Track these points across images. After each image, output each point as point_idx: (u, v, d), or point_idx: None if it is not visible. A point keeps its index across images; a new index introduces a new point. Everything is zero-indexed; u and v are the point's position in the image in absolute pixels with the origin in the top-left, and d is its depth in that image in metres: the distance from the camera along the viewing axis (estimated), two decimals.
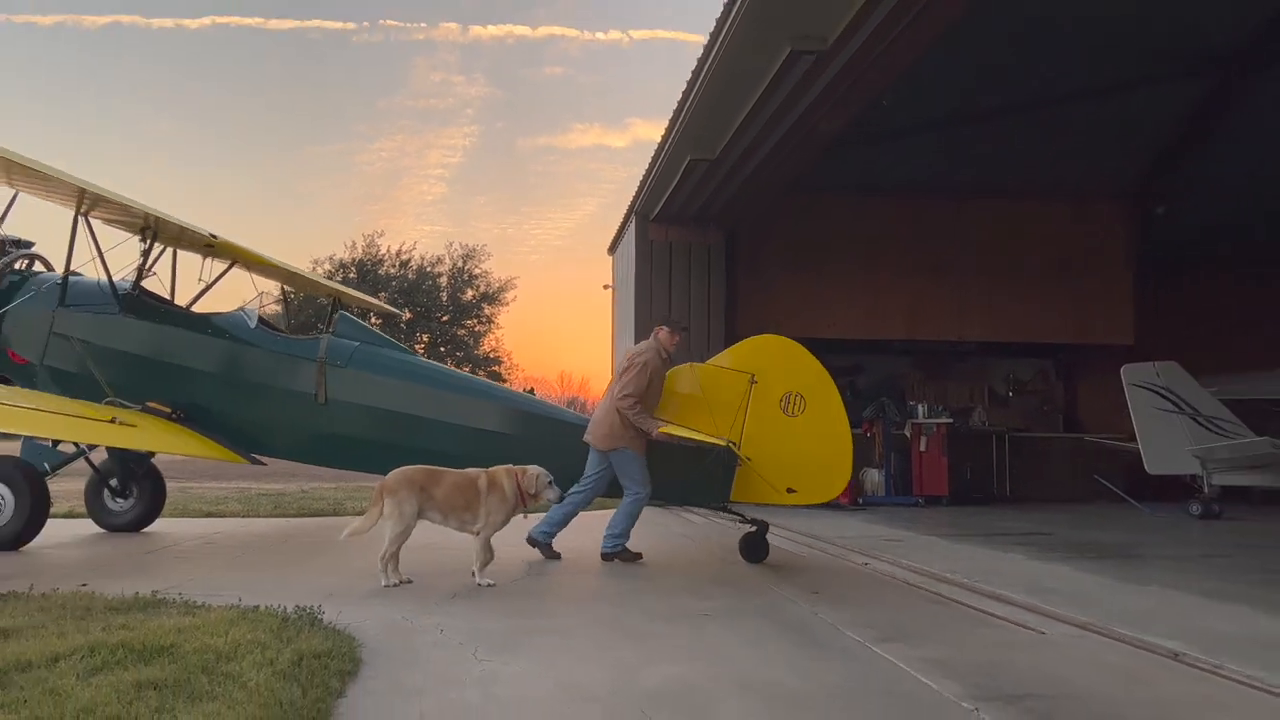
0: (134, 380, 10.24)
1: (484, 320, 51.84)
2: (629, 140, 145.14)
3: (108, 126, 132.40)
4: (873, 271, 19.72)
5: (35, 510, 9.69)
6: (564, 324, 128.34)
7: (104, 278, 10.53)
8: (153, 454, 11.56)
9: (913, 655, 5.56)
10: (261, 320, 10.79)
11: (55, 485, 10.52)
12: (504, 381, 52.40)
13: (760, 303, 19.15)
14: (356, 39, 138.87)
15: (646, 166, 16.75)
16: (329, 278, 49.39)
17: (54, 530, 10.57)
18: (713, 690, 4.75)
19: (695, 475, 9.41)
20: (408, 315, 48.36)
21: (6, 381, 10.66)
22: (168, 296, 11.27)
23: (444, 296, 50.94)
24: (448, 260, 51.91)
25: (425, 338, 50.84)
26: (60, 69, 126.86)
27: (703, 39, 11.81)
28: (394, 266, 50.57)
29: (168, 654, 4.94)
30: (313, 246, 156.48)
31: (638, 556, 9.54)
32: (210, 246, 11.13)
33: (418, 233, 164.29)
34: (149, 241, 10.91)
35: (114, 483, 11.39)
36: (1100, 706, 4.58)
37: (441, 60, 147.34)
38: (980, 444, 19.47)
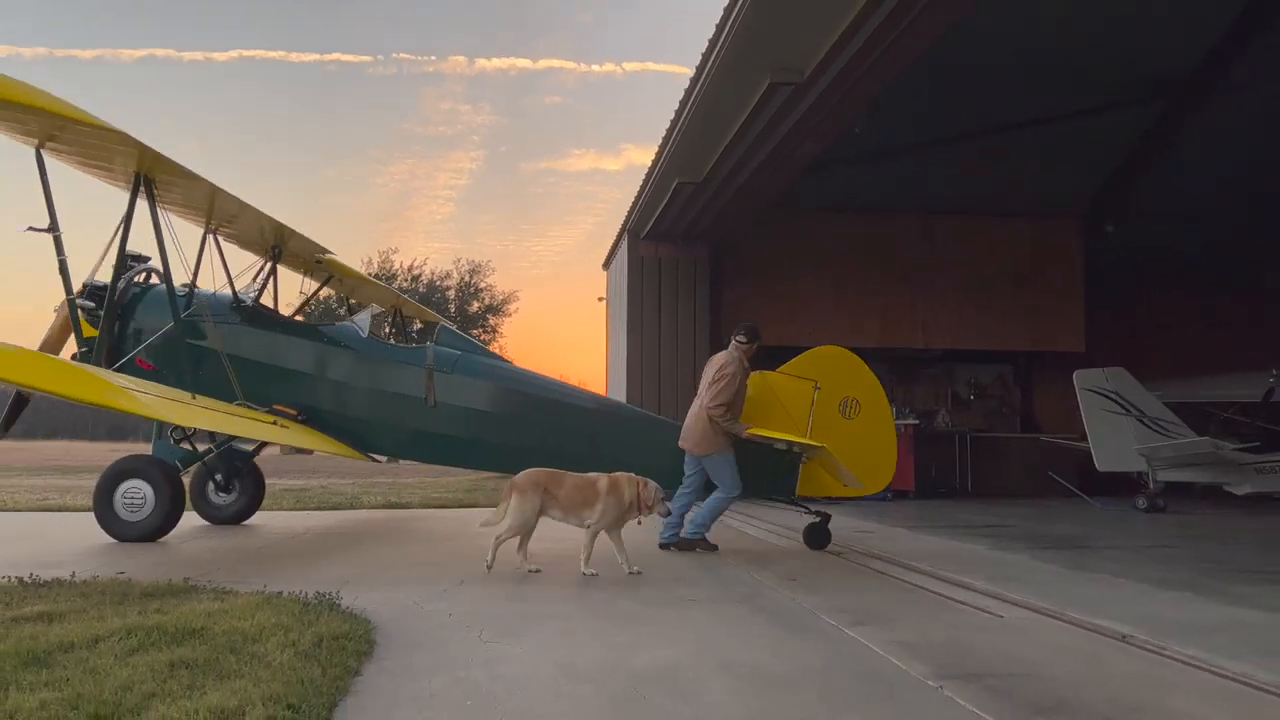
0: (259, 385, 10.28)
1: (489, 330, 51.76)
2: (622, 164, 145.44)
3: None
4: (846, 284, 19.74)
5: (173, 505, 9.70)
6: (561, 333, 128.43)
7: (212, 289, 10.65)
8: (258, 452, 11.71)
9: (883, 638, 5.57)
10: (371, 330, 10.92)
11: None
12: None
13: (742, 313, 19.07)
14: (372, 71, 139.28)
15: (637, 189, 16.77)
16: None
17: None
18: (698, 670, 4.75)
19: (767, 472, 9.63)
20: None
21: None
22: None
23: (452, 308, 50.87)
24: (455, 274, 51.89)
25: None
26: (100, 98, 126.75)
27: (689, 71, 11.85)
28: (407, 280, 50.50)
29: (198, 636, 4.94)
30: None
31: (714, 547, 9.59)
32: (319, 262, 11.36)
33: (428, 249, 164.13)
34: (274, 256, 11.01)
35: (218, 477, 11.40)
36: (1055, 684, 4.59)
37: (450, 90, 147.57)
38: (944, 443, 19.54)
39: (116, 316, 10.29)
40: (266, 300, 11.23)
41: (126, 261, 10.23)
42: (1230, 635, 5.69)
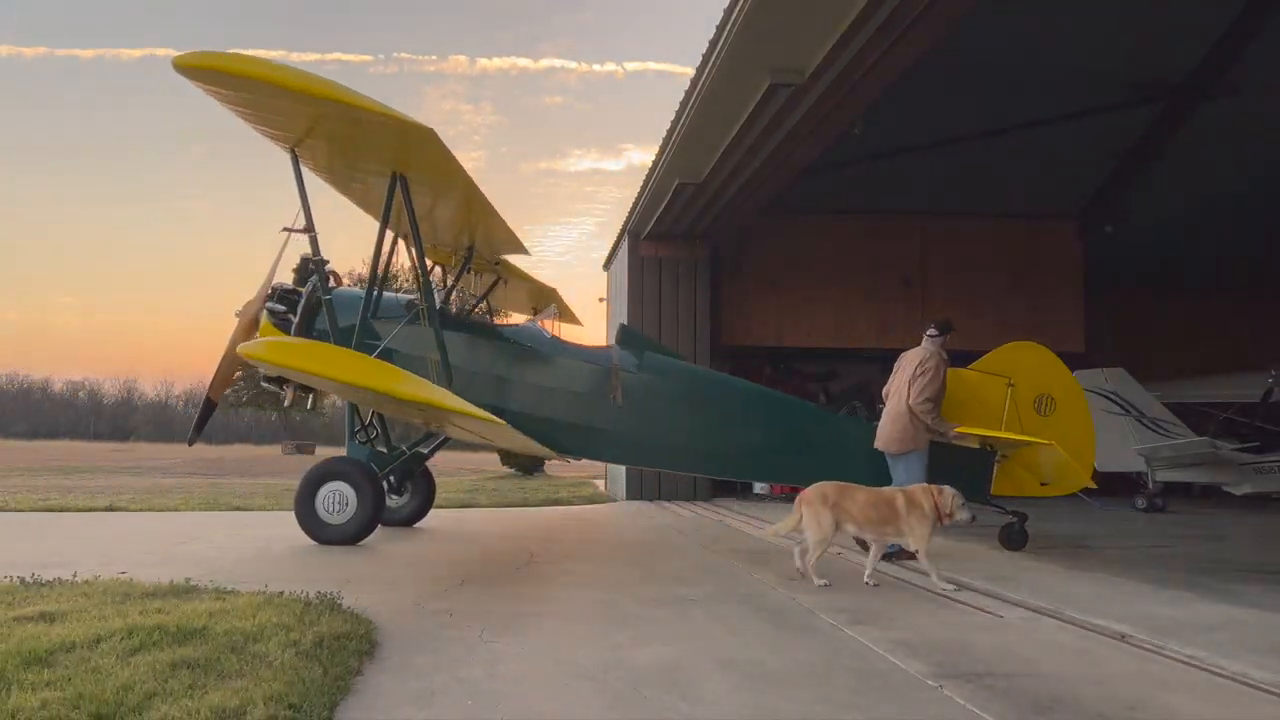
0: (454, 387, 10.01)
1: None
2: (623, 164, 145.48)
3: (145, 150, 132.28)
4: (844, 285, 19.75)
5: (375, 507, 9.60)
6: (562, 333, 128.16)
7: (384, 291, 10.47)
8: (434, 453, 11.48)
9: (882, 637, 5.58)
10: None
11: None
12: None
13: (741, 314, 19.21)
14: (373, 70, 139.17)
15: (638, 189, 16.77)
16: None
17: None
18: (697, 668, 4.76)
19: (962, 472, 9.20)
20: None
21: (308, 388, 10.49)
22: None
23: (453, 308, 50.79)
24: None
25: None
26: (99, 98, 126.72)
27: (690, 70, 11.84)
28: (408, 281, 50.45)
29: (200, 636, 4.94)
30: (336, 263, 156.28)
31: (911, 555, 9.05)
32: (498, 264, 11.32)
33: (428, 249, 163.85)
34: (467, 257, 10.86)
35: (392, 479, 11.07)
36: (1054, 684, 4.60)
37: (451, 90, 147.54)
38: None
39: (363, 320, 9.96)
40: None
41: (308, 264, 10.13)
42: (1228, 634, 5.70)
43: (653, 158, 15.05)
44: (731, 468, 11.01)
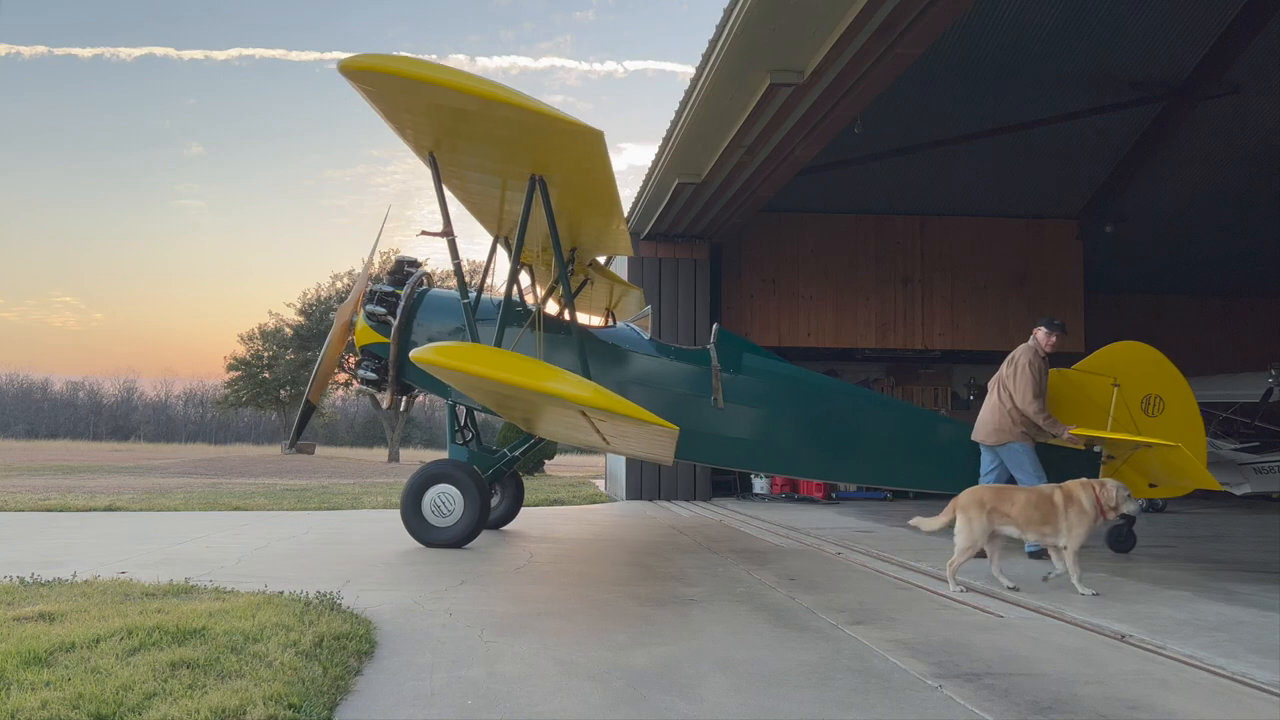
0: None
1: None
2: (623, 164, 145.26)
3: (143, 149, 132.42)
4: (844, 284, 19.74)
5: (482, 510, 9.54)
6: None
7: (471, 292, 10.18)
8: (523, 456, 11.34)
9: (881, 637, 5.58)
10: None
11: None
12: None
13: (740, 314, 19.19)
14: None
15: (638, 189, 16.76)
16: (347, 290, 49.45)
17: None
18: (697, 668, 4.77)
19: (1064, 473, 8.93)
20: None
21: (407, 389, 10.46)
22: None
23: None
24: None
25: None
26: (98, 97, 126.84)
27: (690, 69, 11.84)
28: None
29: (199, 636, 4.94)
30: (333, 262, 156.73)
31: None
32: (590, 264, 11.19)
33: (429, 249, 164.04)
34: (570, 259, 10.54)
35: None
36: (1054, 684, 4.60)
37: None
38: None
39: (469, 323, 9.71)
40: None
41: (404, 266, 10.14)
42: (1228, 634, 5.71)
43: (652, 157, 15.06)
44: (832, 469, 10.90)
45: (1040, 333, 9.49)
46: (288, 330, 49.63)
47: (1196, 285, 21.66)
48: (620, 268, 19.50)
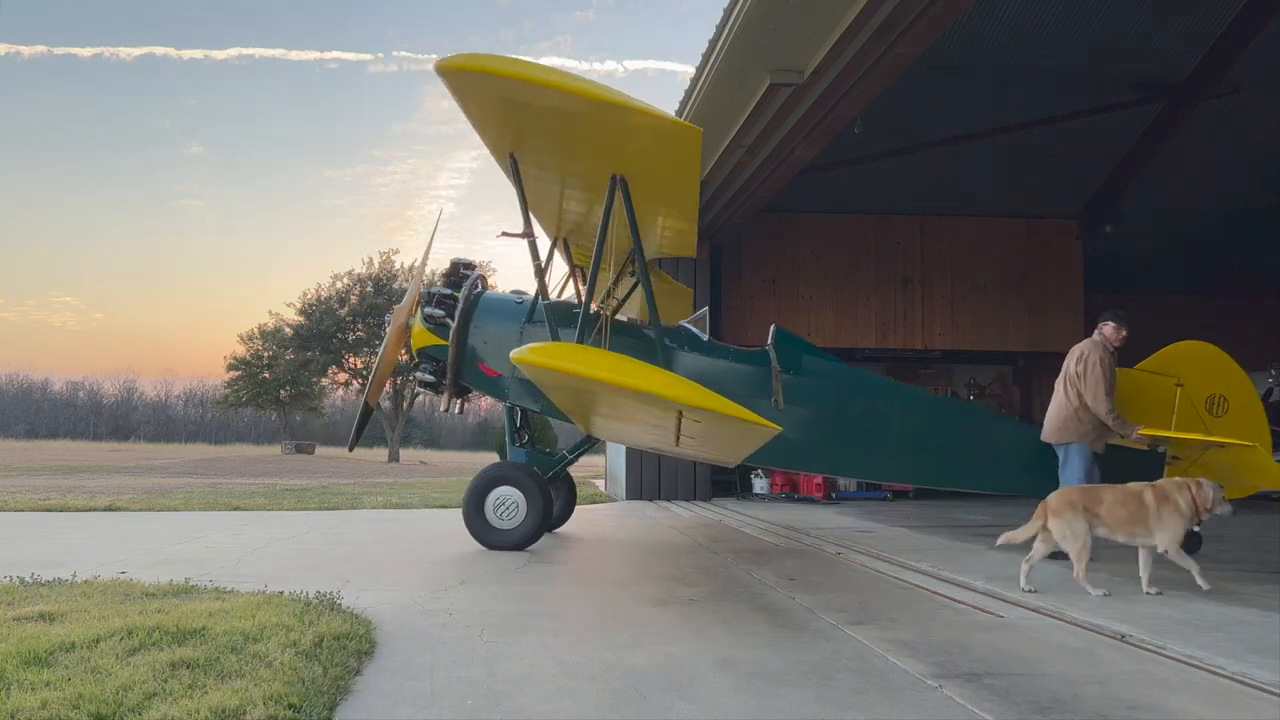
0: None
1: None
2: None
3: (143, 149, 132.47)
4: (844, 285, 19.75)
5: (545, 512, 9.46)
6: None
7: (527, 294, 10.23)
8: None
9: (881, 637, 5.58)
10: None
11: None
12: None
13: (740, 314, 19.19)
14: (372, 69, 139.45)
15: None
16: (348, 291, 49.48)
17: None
18: (697, 668, 4.77)
19: (1132, 476, 8.82)
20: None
21: (463, 391, 10.30)
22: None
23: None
24: None
25: None
26: (98, 97, 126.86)
27: (690, 69, 11.84)
28: (408, 281, 50.53)
29: (199, 636, 4.94)
30: (334, 262, 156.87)
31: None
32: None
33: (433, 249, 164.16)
34: (626, 265, 10.30)
35: None
36: (1054, 684, 4.60)
37: None
38: None
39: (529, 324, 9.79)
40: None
41: (459, 269, 10.08)
42: (1228, 634, 5.70)
43: None
44: (893, 471, 10.81)
45: (1109, 328, 9.35)
46: (288, 330, 49.65)
47: (1197, 285, 21.65)
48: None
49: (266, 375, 50.50)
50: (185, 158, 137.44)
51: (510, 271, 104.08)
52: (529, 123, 7.69)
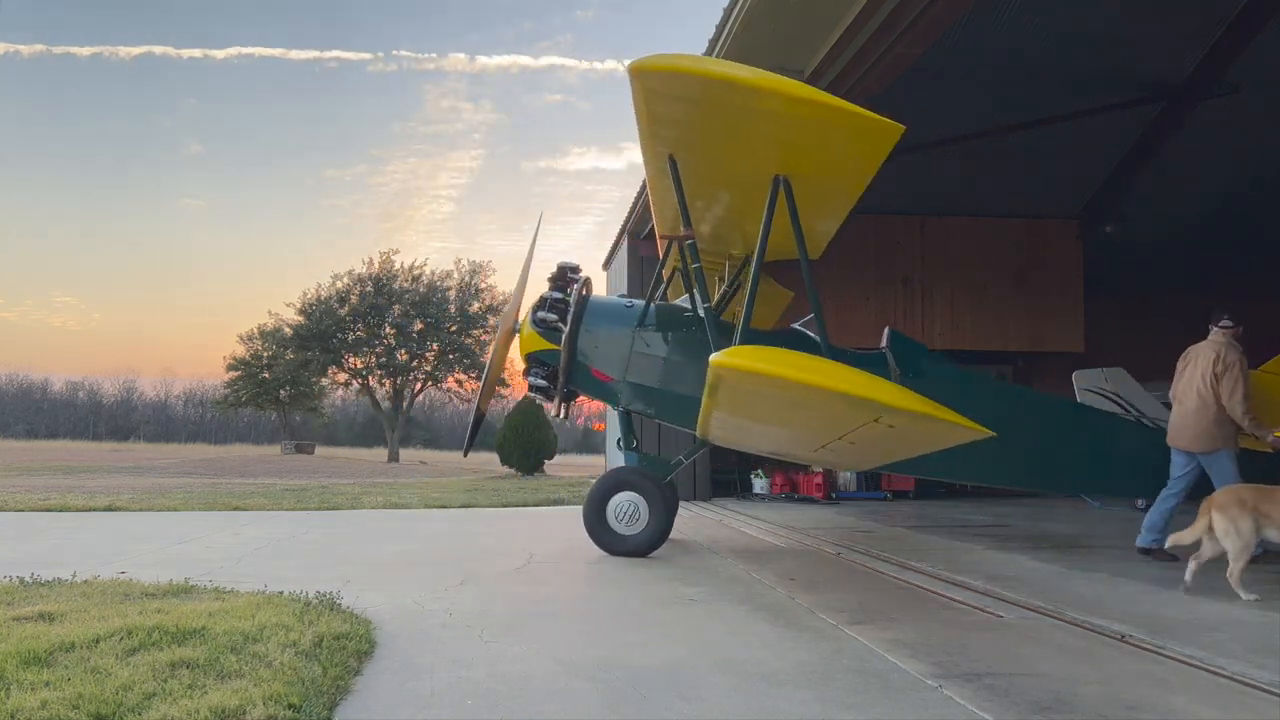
0: None
1: (489, 330, 51.84)
2: (623, 163, 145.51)
3: (142, 148, 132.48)
4: (845, 285, 19.70)
5: (667, 517, 9.33)
6: None
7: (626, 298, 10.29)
8: None
9: (881, 637, 5.58)
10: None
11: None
12: (507, 388, 52.43)
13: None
14: (372, 68, 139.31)
15: (638, 189, 16.75)
16: (347, 290, 49.50)
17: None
18: (697, 668, 4.77)
19: (1252, 477, 8.82)
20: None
21: (572, 396, 10.26)
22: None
23: (453, 308, 50.97)
24: (456, 275, 52.01)
25: (435, 346, 50.88)
26: (97, 96, 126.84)
27: None
28: (407, 281, 50.61)
29: (199, 635, 4.94)
30: (334, 262, 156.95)
31: (1174, 557, 8.90)
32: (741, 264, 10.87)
33: (428, 249, 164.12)
34: (748, 262, 10.26)
35: None
36: (1054, 684, 4.60)
37: (450, 88, 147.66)
38: None
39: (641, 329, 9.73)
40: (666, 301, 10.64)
41: (566, 273, 9.98)
42: (1228, 634, 5.70)
43: None
44: (1016, 475, 10.55)
45: (1236, 330, 9.28)
46: (287, 330, 49.67)
47: (1197, 285, 21.63)
48: (621, 267, 19.52)
49: (266, 375, 50.56)
50: (185, 157, 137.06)
51: (511, 271, 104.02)
52: (705, 122, 7.41)
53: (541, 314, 9.77)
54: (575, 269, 10.12)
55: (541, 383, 9.88)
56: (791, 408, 7.39)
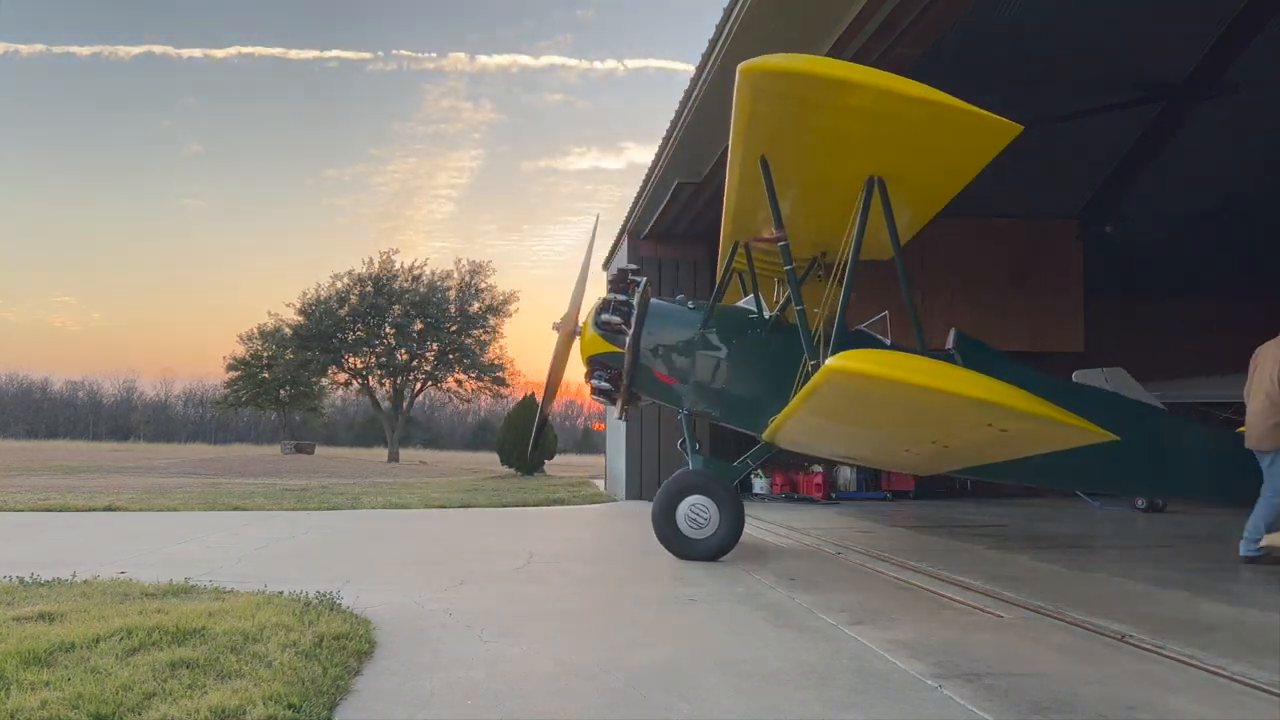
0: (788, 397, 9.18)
1: (489, 330, 51.91)
2: (623, 162, 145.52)
3: (142, 148, 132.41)
4: None
5: (737, 521, 9.20)
6: None
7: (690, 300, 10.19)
8: None
9: (881, 636, 5.58)
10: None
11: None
12: (507, 387, 52.45)
13: None
14: (371, 68, 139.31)
15: (638, 189, 16.76)
16: (347, 290, 49.51)
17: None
18: (696, 668, 4.76)
19: None
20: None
21: (634, 399, 10.15)
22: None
23: (453, 308, 51.01)
24: (456, 275, 52.05)
25: (435, 346, 50.90)
26: (97, 96, 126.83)
27: (690, 68, 11.84)
28: (407, 281, 50.63)
29: (199, 635, 4.94)
30: (334, 262, 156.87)
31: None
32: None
33: (428, 249, 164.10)
34: (812, 264, 10.23)
35: None
36: (1054, 684, 4.60)
37: (450, 88, 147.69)
38: None
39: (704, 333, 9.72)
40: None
41: (627, 276, 10.01)
42: (1228, 634, 5.70)
43: (653, 156, 15.05)
44: (1086, 478, 10.44)
45: None
46: (287, 330, 49.70)
47: (1197, 285, 21.66)
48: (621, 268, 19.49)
49: (266, 375, 50.60)
50: (185, 157, 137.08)
51: (512, 272, 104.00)
52: (807, 121, 7.28)
53: (605, 316, 9.77)
54: (637, 271, 10.09)
55: (605, 385, 9.83)
56: (904, 411, 7.18)
